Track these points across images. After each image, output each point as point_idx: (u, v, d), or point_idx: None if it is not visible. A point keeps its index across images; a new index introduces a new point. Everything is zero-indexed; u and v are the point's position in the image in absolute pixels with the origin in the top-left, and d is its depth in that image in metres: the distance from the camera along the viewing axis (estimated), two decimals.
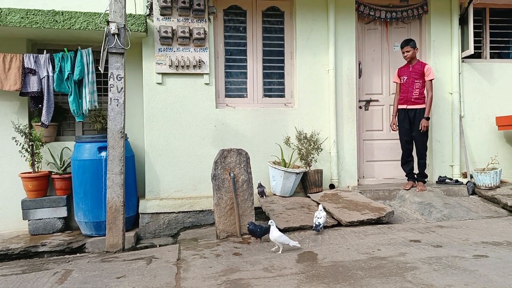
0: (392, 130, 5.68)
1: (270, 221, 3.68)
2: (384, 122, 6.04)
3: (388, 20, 5.92)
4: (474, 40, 5.87)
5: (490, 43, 6.29)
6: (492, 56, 6.34)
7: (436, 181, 5.86)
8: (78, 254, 4.34)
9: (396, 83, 5.63)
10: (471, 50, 5.82)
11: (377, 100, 6.01)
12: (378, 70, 6.04)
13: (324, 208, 4.70)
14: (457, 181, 5.76)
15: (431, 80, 5.37)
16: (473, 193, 5.60)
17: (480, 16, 6.23)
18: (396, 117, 5.59)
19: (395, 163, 6.00)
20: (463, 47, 5.97)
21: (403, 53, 5.44)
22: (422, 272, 2.97)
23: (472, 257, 3.26)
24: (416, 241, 3.79)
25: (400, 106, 5.51)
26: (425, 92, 5.40)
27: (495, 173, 5.47)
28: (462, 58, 6.01)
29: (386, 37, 6.06)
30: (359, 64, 5.94)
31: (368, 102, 5.98)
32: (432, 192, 5.37)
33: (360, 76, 5.95)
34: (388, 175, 6.05)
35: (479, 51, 6.24)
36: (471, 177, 5.77)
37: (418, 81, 5.37)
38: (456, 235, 3.93)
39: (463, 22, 5.94)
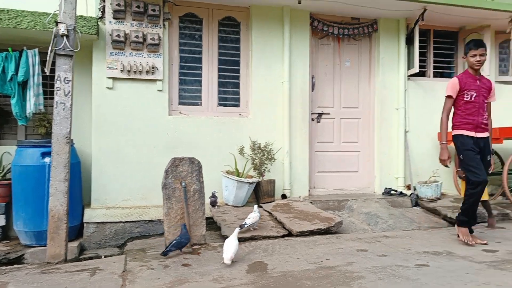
0: (447, 165, 4.31)
1: (237, 228, 3.70)
2: (335, 134, 6.21)
3: (341, 36, 6.12)
4: (419, 59, 6.18)
5: (433, 63, 6.66)
6: (435, 75, 6.71)
7: (382, 193, 6.08)
8: (16, 265, 4.06)
9: (450, 98, 4.19)
10: (416, 69, 6.13)
11: (328, 113, 6.17)
12: (330, 84, 6.21)
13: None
14: (401, 192, 6.01)
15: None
16: (416, 204, 5.85)
17: (425, 37, 6.60)
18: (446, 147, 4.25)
19: (344, 174, 6.20)
20: (409, 65, 6.28)
21: (475, 56, 4.06)
22: (368, 281, 3.05)
23: (414, 266, 3.39)
24: (363, 250, 3.89)
25: (466, 133, 4.12)
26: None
27: (436, 186, 5.76)
28: (408, 75, 6.32)
29: (338, 53, 6.25)
30: (312, 78, 6.08)
31: (320, 114, 6.13)
32: (378, 203, 5.56)
33: (313, 89, 6.10)
34: (338, 186, 6.20)
35: (424, 70, 6.59)
36: (415, 189, 6.04)
37: (486, 101, 4.16)
38: (400, 245, 4.09)
39: (409, 41, 6.26)
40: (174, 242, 3.78)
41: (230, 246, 3.52)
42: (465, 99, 4.09)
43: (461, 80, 4.09)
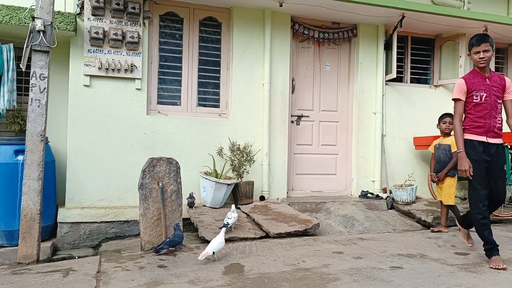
0: (469, 176, 3.53)
1: (223, 228, 3.74)
2: (314, 137, 6.26)
3: (321, 40, 6.18)
4: (397, 65, 6.28)
5: (410, 69, 6.79)
6: (412, 81, 6.84)
7: (359, 195, 6.16)
8: None
9: (459, 101, 3.68)
10: (394, 74, 6.24)
11: (308, 116, 6.22)
12: (309, 87, 6.26)
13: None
14: (377, 195, 6.10)
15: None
16: (392, 207, 5.97)
17: (403, 43, 6.72)
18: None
19: (322, 177, 6.26)
20: (387, 70, 6.38)
21: (478, 53, 3.59)
22: (344, 283, 3.08)
23: (389, 269, 3.44)
24: (339, 252, 3.93)
25: (475, 138, 3.60)
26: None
27: (411, 189, 5.88)
28: (386, 81, 6.42)
29: (318, 56, 6.31)
30: (292, 80, 6.11)
31: (299, 117, 6.17)
32: (355, 205, 5.64)
33: (293, 92, 6.13)
34: (316, 188, 6.25)
35: (401, 75, 6.71)
36: (390, 192, 6.14)
37: (499, 101, 3.65)
38: (375, 247, 4.15)
39: (388, 47, 6.37)
40: (167, 240, 3.83)
41: (211, 243, 3.58)
42: (474, 101, 3.59)
43: (468, 81, 3.63)
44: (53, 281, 3.16)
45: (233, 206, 4.52)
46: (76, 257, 4.29)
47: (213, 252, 3.54)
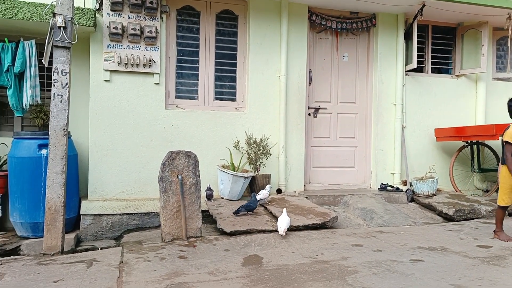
0: None
1: (284, 208, 4.31)
2: (332, 129, 6.22)
3: (339, 30, 6.11)
4: (417, 55, 6.17)
5: (431, 59, 6.66)
6: (433, 71, 6.71)
7: (378, 188, 6.11)
8: (12, 257, 4.07)
9: None
10: (414, 64, 6.13)
11: (325, 108, 6.18)
12: (327, 78, 6.21)
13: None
14: (397, 188, 6.04)
15: None
16: (412, 200, 5.89)
17: (424, 32, 6.59)
18: None
19: (340, 170, 6.22)
20: (407, 60, 6.27)
21: None
22: (363, 275, 3.07)
23: (409, 261, 3.42)
24: (358, 245, 3.92)
25: None
26: None
27: (432, 182, 5.79)
28: (406, 71, 6.31)
29: (336, 47, 6.25)
30: (309, 72, 6.07)
31: (317, 109, 6.13)
32: (374, 198, 5.59)
33: (310, 83, 6.09)
34: (333, 181, 6.22)
35: (422, 65, 6.59)
36: (411, 185, 6.06)
37: None
38: (395, 240, 4.11)
39: (407, 37, 6.25)
40: (244, 205, 4.58)
41: (282, 221, 4.14)
42: None
43: None
44: (77, 272, 3.25)
45: (268, 186, 5.08)
46: (99, 248, 4.39)
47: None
